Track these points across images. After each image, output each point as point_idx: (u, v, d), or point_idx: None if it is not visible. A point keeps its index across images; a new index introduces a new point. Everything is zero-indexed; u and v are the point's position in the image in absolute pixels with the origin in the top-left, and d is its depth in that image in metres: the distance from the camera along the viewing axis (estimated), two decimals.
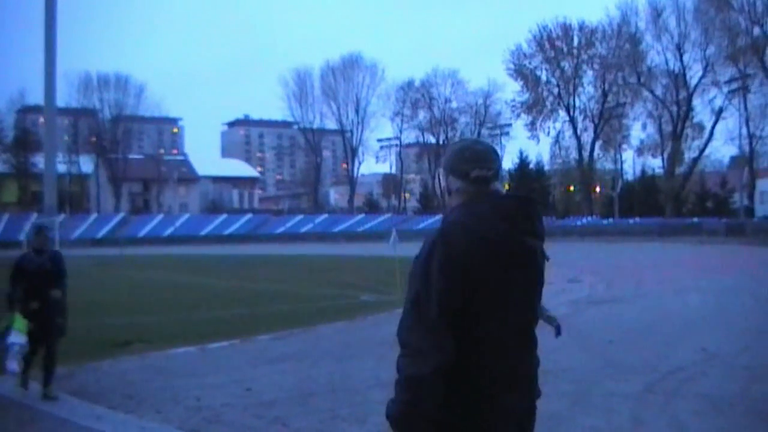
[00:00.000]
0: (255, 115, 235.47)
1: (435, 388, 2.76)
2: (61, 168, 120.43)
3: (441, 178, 3.21)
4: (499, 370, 2.90)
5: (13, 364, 9.31)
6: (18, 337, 9.28)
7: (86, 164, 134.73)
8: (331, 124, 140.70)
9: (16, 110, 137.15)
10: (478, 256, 2.88)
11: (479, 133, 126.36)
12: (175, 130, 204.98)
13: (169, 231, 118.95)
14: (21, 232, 77.31)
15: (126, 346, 13.74)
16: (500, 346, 2.91)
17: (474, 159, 3.09)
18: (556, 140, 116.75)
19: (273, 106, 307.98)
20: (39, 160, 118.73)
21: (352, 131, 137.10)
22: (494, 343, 2.90)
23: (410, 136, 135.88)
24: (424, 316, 2.81)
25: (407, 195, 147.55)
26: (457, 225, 2.96)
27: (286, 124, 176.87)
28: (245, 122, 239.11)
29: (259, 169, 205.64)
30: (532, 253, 3.04)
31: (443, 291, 2.82)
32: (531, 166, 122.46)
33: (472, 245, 2.88)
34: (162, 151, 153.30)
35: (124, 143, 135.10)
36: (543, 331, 3.28)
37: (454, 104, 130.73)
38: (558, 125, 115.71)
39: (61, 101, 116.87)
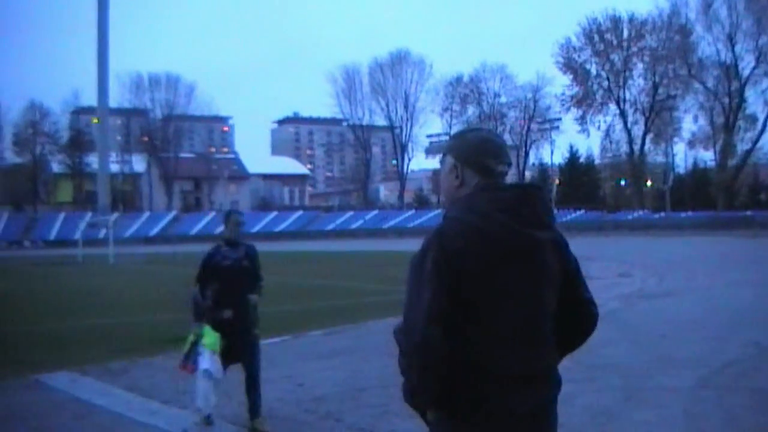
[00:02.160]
0: (304, 113, 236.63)
1: (426, 381, 2.76)
2: (114, 167, 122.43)
3: (447, 169, 3.03)
4: (506, 368, 2.79)
5: (204, 400, 7.65)
6: (211, 362, 7.57)
7: (138, 163, 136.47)
8: (380, 121, 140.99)
9: (70, 111, 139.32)
10: (475, 252, 2.76)
11: (529, 128, 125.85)
12: (226, 128, 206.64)
13: (220, 229, 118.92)
14: (76, 231, 78.45)
15: (177, 342, 13.85)
16: (506, 344, 2.80)
17: (496, 153, 2.98)
18: (607, 134, 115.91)
19: (322, 104, 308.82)
20: (93, 160, 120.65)
21: (401, 127, 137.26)
22: (499, 341, 2.79)
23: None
24: (419, 310, 2.75)
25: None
26: (454, 221, 2.86)
27: (335, 121, 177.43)
28: (295, 120, 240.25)
29: (308, 166, 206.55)
30: (537, 246, 2.87)
31: (434, 291, 2.73)
32: (581, 160, 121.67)
33: (468, 242, 2.77)
34: (213, 149, 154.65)
35: (176, 142, 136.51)
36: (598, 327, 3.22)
37: (503, 99, 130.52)
38: (608, 119, 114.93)
39: (113, 102, 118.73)
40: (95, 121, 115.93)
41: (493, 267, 2.78)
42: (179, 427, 7.68)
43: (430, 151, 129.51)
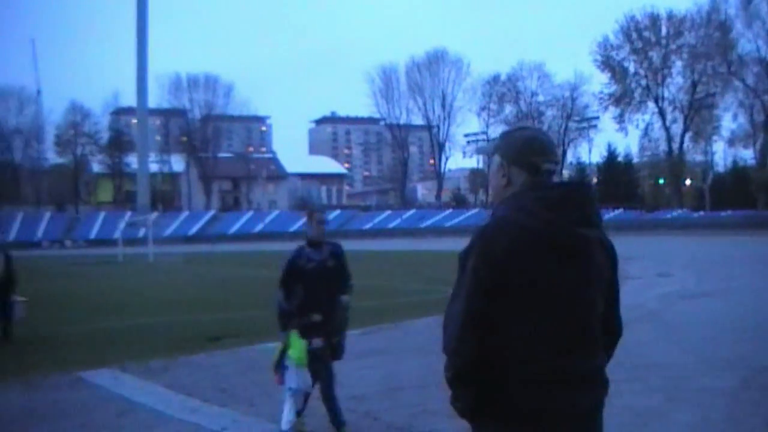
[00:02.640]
0: (342, 112, 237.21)
1: (461, 389, 2.80)
2: (154, 167, 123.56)
3: (495, 168, 3.01)
4: (554, 370, 2.73)
5: (287, 416, 7.13)
6: (297, 379, 7.08)
7: (177, 163, 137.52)
8: (418, 120, 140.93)
9: (110, 112, 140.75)
10: (521, 251, 2.72)
11: (566, 127, 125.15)
12: (263, 128, 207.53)
13: (258, 228, 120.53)
14: (116, 230, 79.22)
15: (217, 341, 13.97)
16: (553, 345, 2.74)
17: (543, 151, 2.93)
18: (645, 132, 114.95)
19: (359, 103, 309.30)
20: (132, 160, 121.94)
21: (438, 126, 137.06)
22: (546, 341, 2.73)
23: (497, 130, 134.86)
24: (454, 316, 2.77)
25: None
26: (501, 220, 2.82)
27: (372, 121, 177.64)
28: (332, 119, 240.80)
29: (346, 165, 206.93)
30: (585, 244, 2.82)
31: (472, 295, 2.73)
32: (619, 158, 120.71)
33: (514, 241, 2.73)
34: (251, 149, 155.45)
35: (214, 142, 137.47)
36: (635, 326, 3.19)
37: (540, 98, 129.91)
38: (647, 117, 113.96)
39: (152, 102, 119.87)
40: (135, 122, 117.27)
41: (540, 266, 2.74)
42: (219, 425, 7.72)
43: (478, 152, 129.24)
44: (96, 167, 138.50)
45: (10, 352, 12.85)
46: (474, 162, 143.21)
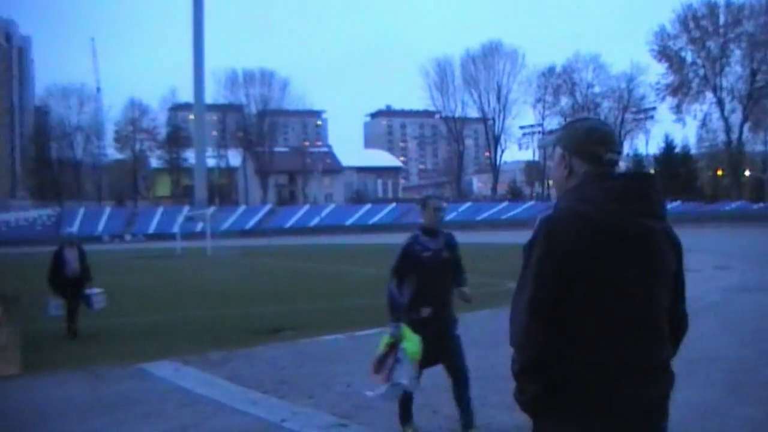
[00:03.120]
0: (397, 106, 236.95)
1: (527, 382, 2.79)
2: (211, 162, 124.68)
3: (557, 160, 2.98)
4: (620, 363, 2.68)
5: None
6: (409, 375, 6.59)
7: (234, 158, 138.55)
8: (473, 113, 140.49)
9: (168, 108, 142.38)
10: (585, 243, 2.69)
11: (623, 118, 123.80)
12: (319, 122, 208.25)
13: (314, 221, 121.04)
14: (174, 224, 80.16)
15: (276, 333, 14.08)
16: (619, 337, 2.70)
17: (604, 141, 2.91)
18: (703, 123, 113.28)
19: (414, 96, 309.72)
20: (190, 155, 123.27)
21: (494, 119, 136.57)
22: (612, 334, 2.70)
23: (553, 122, 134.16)
24: (520, 308, 2.76)
25: (550, 182, 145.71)
26: (564, 211, 2.80)
27: (428, 114, 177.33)
28: (387, 113, 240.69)
29: (401, 158, 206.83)
30: (650, 235, 2.79)
31: (537, 283, 2.72)
32: (677, 150, 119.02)
33: (578, 232, 2.70)
34: (307, 143, 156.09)
35: (270, 136, 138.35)
36: (694, 319, 3.16)
37: (596, 89, 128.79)
38: (705, 107, 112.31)
39: (209, 98, 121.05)
40: (192, 117, 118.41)
41: (605, 257, 2.71)
42: (279, 417, 7.79)
43: (539, 145, 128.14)
44: (154, 162, 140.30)
45: (76, 344, 13.10)
46: (530, 154, 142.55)
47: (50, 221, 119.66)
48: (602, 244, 2.72)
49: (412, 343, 6.48)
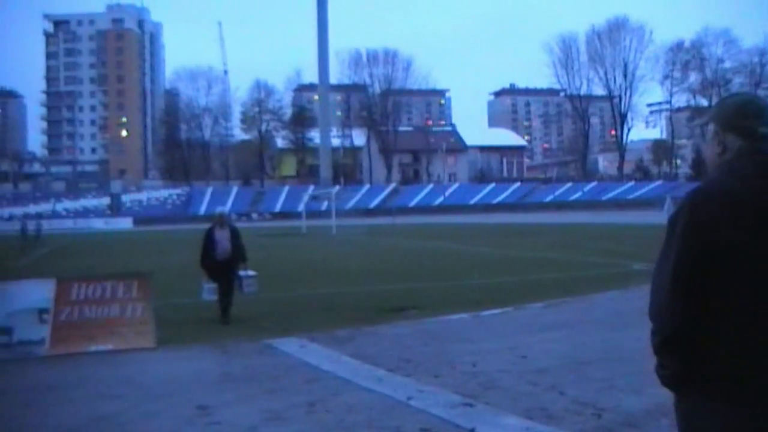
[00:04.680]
0: (521, 84, 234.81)
1: (668, 356, 2.72)
2: (335, 142, 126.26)
3: (710, 137, 2.88)
4: (759, 341, 2.57)
5: None
6: None
7: (358, 137, 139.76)
8: (599, 90, 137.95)
9: (293, 89, 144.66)
10: (726, 219, 2.60)
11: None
12: (442, 101, 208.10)
13: (438, 200, 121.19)
14: (300, 203, 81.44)
15: (400, 312, 14.14)
16: (758, 315, 2.58)
17: (758, 114, 2.79)
18: None
19: (539, 74, 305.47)
20: (315, 135, 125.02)
21: (620, 96, 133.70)
22: (755, 313, 2.58)
23: (681, 99, 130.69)
24: (662, 281, 2.70)
25: (678, 161, 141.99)
26: (710, 184, 2.72)
27: (552, 92, 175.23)
28: (511, 91, 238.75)
29: (526, 137, 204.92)
30: None
31: (680, 257, 2.64)
32: None
33: (720, 206, 2.61)
34: (430, 122, 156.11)
35: (394, 116, 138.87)
36: None
37: (727, 64, 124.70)
38: None
39: (333, 78, 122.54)
40: (317, 98, 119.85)
41: (747, 232, 2.60)
42: (404, 395, 7.82)
43: (690, 125, 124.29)
44: (280, 142, 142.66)
45: (206, 320, 13.43)
46: (657, 132, 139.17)
47: (180, 200, 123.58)
48: (744, 218, 2.61)
49: None
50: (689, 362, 2.68)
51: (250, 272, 14.29)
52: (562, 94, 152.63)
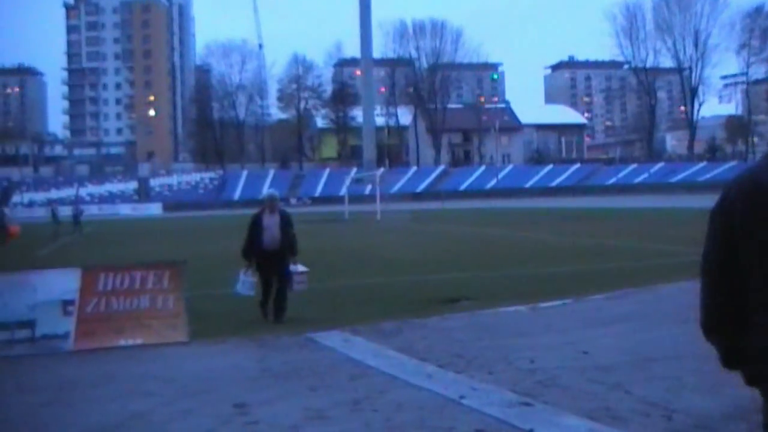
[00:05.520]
0: (580, 56, 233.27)
1: (714, 342, 2.88)
2: (379, 121, 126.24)
3: None
4: None
5: None
6: None
7: (404, 116, 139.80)
8: (667, 62, 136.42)
9: (333, 64, 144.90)
10: (748, 205, 2.68)
11: None
12: (495, 76, 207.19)
13: (491, 183, 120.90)
14: (341, 187, 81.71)
15: (451, 303, 14.14)
16: None
17: None
18: None
19: (600, 45, 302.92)
20: (357, 114, 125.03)
21: (690, 68, 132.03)
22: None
23: (759, 70, 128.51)
24: (701, 268, 2.87)
25: (755, 139, 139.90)
26: (746, 171, 2.80)
27: (615, 65, 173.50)
28: (570, 64, 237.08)
29: (586, 114, 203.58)
30: None
31: (709, 242, 2.83)
32: None
33: (744, 194, 2.71)
34: (482, 99, 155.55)
35: (443, 92, 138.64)
36: None
37: None
38: None
39: (377, 52, 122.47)
40: (359, 73, 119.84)
41: (761, 223, 2.67)
42: (456, 393, 7.81)
43: None
44: (320, 122, 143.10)
45: (243, 312, 13.47)
46: (732, 108, 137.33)
47: (212, 185, 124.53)
48: (758, 207, 2.68)
49: None
50: (731, 350, 2.84)
51: (300, 267, 13.29)
52: (626, 66, 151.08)
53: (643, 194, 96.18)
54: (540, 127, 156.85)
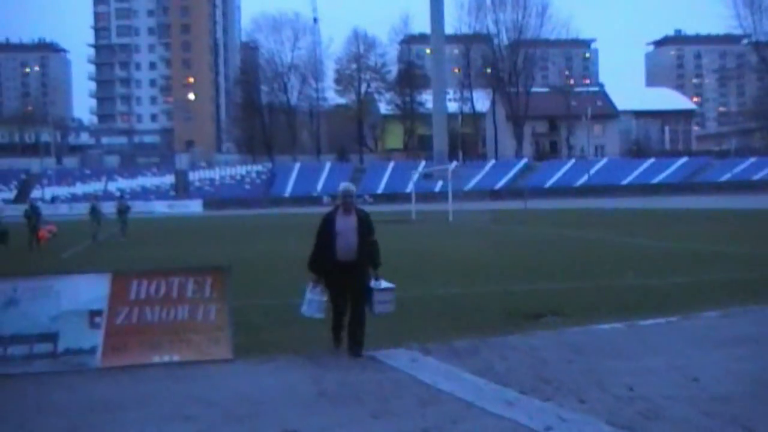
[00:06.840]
0: (689, 30, 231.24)
1: None
2: (452, 107, 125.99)
3: None
4: None
5: None
6: None
7: (481, 101, 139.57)
8: None
9: (399, 41, 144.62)
10: None
11: None
12: (587, 54, 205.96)
13: (582, 180, 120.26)
14: (408, 183, 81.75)
15: (536, 319, 14.07)
16: None
17: None
18: None
19: (713, 16, 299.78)
20: (426, 99, 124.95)
21: None
22: None
23: None
24: None
25: None
26: None
27: (731, 39, 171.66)
28: (676, 40, 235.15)
29: (695, 99, 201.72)
30: None
31: None
32: None
33: None
34: (572, 81, 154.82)
35: (526, 74, 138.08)
36: None
37: None
38: None
39: (450, 27, 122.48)
40: (429, 51, 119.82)
41: None
42: (542, 423, 7.77)
43: None
44: (383, 108, 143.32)
45: (296, 324, 13.48)
46: None
47: (260, 179, 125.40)
48: None
49: None
50: None
51: (384, 283, 12.02)
52: (745, 41, 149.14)
53: (763, 193, 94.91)
54: (640, 114, 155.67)
